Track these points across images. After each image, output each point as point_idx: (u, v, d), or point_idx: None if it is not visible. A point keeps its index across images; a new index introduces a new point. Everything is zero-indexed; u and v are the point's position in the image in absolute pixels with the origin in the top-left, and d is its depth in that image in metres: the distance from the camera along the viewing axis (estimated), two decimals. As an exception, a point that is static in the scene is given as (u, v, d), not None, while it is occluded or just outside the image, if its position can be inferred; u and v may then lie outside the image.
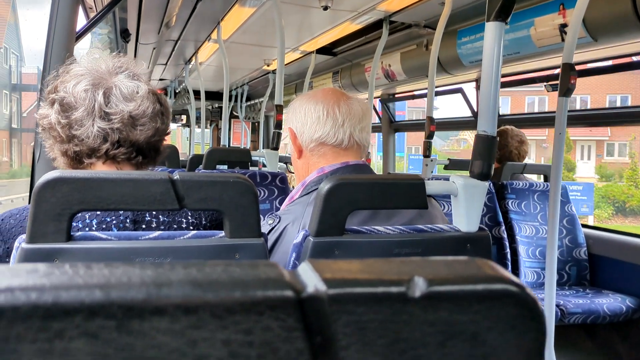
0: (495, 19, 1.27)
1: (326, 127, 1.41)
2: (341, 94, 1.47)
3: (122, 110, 1.08)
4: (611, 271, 2.87)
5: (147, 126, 1.11)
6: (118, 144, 1.09)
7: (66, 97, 1.08)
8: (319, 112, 1.42)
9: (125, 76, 1.12)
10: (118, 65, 1.14)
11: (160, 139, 1.17)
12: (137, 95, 1.10)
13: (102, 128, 1.07)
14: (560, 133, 1.98)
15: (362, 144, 1.46)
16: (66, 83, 1.09)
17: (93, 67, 1.12)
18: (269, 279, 0.28)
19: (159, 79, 7.31)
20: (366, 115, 1.46)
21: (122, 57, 1.19)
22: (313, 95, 1.47)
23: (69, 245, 0.89)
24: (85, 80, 1.08)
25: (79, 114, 1.07)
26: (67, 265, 0.26)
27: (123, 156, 1.10)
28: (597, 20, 2.46)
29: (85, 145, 1.08)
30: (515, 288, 0.30)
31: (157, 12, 3.47)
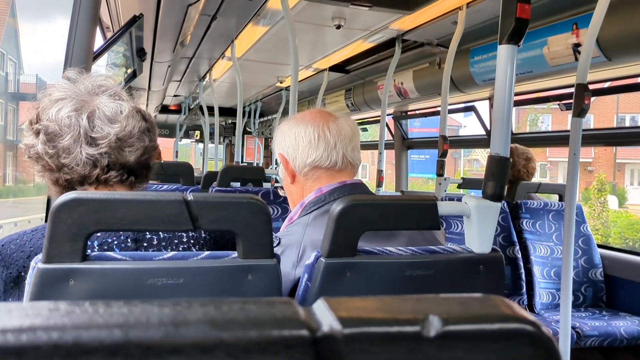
0: (508, 42, 1.27)
1: (319, 150, 1.40)
2: (328, 115, 1.46)
3: (109, 133, 1.06)
4: (628, 293, 2.83)
5: (135, 146, 1.09)
6: (108, 168, 1.08)
7: (50, 126, 1.05)
8: (310, 135, 1.40)
9: (107, 96, 1.10)
10: (97, 84, 1.12)
11: (150, 156, 1.15)
12: (121, 116, 1.08)
13: (90, 154, 1.05)
14: (574, 153, 1.97)
15: (355, 163, 1.45)
16: (48, 110, 1.07)
17: (73, 89, 1.10)
18: (285, 317, 0.28)
19: (173, 95, 7.38)
20: (355, 135, 1.45)
21: (99, 75, 1.16)
22: (301, 118, 1.45)
23: (85, 265, 0.90)
24: (68, 106, 1.06)
25: (66, 142, 1.05)
26: (87, 303, 0.27)
27: (115, 179, 1.09)
28: (610, 39, 2.45)
29: (76, 173, 1.07)
30: (531, 327, 0.30)
31: (172, 31, 3.52)
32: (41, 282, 0.88)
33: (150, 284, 0.93)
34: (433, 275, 1.15)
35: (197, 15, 3.32)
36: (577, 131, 1.97)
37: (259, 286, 0.99)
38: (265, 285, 0.99)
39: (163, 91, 6.61)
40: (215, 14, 3.39)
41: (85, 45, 1.84)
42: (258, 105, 7.61)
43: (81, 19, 1.81)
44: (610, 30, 2.39)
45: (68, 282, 0.90)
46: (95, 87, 1.12)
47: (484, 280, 1.18)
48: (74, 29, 1.80)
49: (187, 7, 2.87)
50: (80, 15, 1.81)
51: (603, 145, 4.21)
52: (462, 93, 3.82)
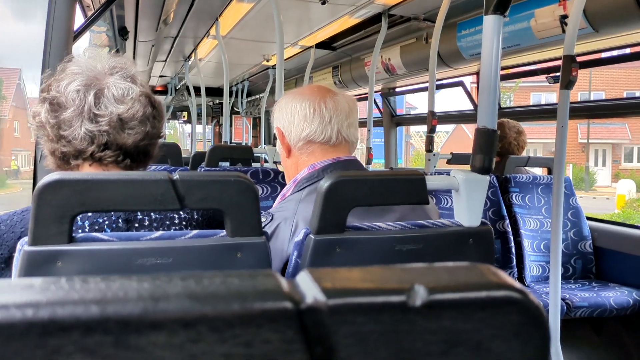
0: (494, 12, 1.26)
1: (313, 124, 1.40)
2: (327, 90, 1.46)
3: (112, 112, 1.06)
4: (617, 264, 2.86)
5: (135, 129, 1.09)
6: (105, 147, 1.07)
7: (57, 97, 1.07)
8: (306, 109, 1.40)
9: (119, 77, 1.10)
10: (114, 65, 1.12)
11: (151, 143, 1.15)
12: (127, 98, 1.08)
13: (89, 130, 1.05)
14: (562, 126, 1.97)
15: (351, 139, 1.45)
16: (60, 82, 1.08)
17: (89, 66, 1.11)
18: (268, 290, 0.27)
19: (158, 76, 7.30)
20: (353, 111, 1.45)
21: (120, 57, 1.17)
22: (299, 93, 1.45)
23: (71, 247, 0.89)
24: (79, 80, 1.07)
25: (68, 114, 1.05)
26: (63, 279, 0.26)
27: (110, 159, 1.09)
28: (597, 10, 2.44)
29: (72, 147, 1.07)
30: (518, 295, 0.29)
31: (154, 9, 3.46)
32: (28, 264, 0.88)
33: (139, 264, 0.93)
34: (423, 249, 1.15)
35: (180, -7, 3.27)
36: (564, 104, 1.97)
37: (248, 264, 0.98)
38: (254, 263, 0.99)
39: (148, 71, 6.53)
40: (198, -9, 3.34)
41: (65, 24, 1.80)
42: (245, 85, 7.55)
43: (60, -4, 1.77)
44: (597, 1, 2.38)
45: (56, 264, 0.89)
46: (111, 67, 1.12)
47: (474, 254, 1.19)
48: (53, 8, 1.76)
49: (170, -16, 2.82)
50: (58, -7, 1.77)
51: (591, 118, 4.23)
52: (450, 68, 3.80)
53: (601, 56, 3.18)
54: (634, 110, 3.12)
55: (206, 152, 3.05)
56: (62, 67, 1.13)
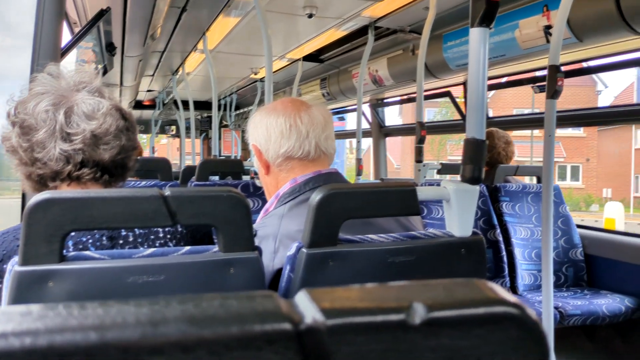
0: (480, 25, 1.27)
1: (291, 140, 1.38)
2: (301, 104, 1.44)
3: (84, 129, 1.04)
4: (608, 271, 2.88)
5: (111, 144, 1.07)
6: (81, 165, 1.06)
7: (27, 119, 1.04)
8: (282, 125, 1.38)
9: (86, 92, 1.08)
10: (79, 80, 1.10)
11: (127, 156, 1.13)
12: (98, 113, 1.06)
13: (64, 150, 1.03)
14: (550, 135, 1.99)
15: (329, 152, 1.43)
16: (26, 104, 1.05)
17: (53, 84, 1.08)
18: (266, 311, 0.27)
19: (146, 90, 7.29)
20: (328, 123, 1.43)
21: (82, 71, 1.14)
22: (273, 109, 1.43)
23: (63, 266, 0.88)
24: (46, 100, 1.05)
25: (41, 136, 1.03)
26: (60, 305, 0.26)
27: (87, 177, 1.07)
28: (581, 20, 2.48)
29: (48, 168, 1.05)
30: (516, 310, 0.30)
31: (141, 24, 3.46)
32: (19, 285, 0.86)
33: (131, 282, 0.92)
34: (415, 260, 1.15)
35: (167, 8, 3.27)
36: (551, 113, 1.99)
37: (241, 279, 0.98)
38: (248, 279, 0.98)
39: (136, 86, 6.52)
40: (185, 6, 3.34)
41: (52, 41, 1.79)
42: (233, 98, 7.56)
43: (47, 14, 1.77)
44: (581, 11, 2.41)
45: (47, 284, 0.88)
46: (76, 83, 1.10)
47: (466, 264, 1.19)
48: (40, 25, 1.75)
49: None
50: (45, 10, 1.77)
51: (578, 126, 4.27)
52: (437, 79, 3.83)
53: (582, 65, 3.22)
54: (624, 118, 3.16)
55: (196, 166, 3.05)
56: (24, 87, 1.10)
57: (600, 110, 3.37)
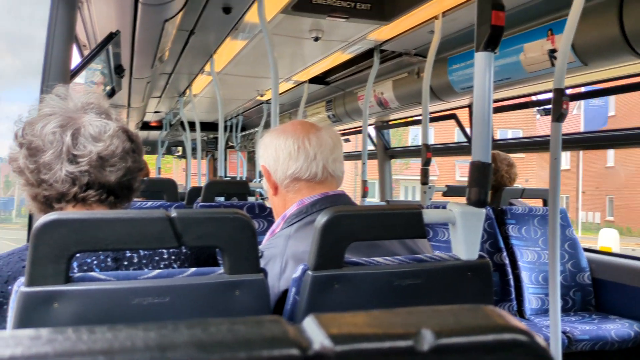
0: (485, 49, 1.28)
1: (298, 162, 1.39)
2: (310, 126, 1.45)
3: (91, 151, 1.04)
4: (617, 296, 2.84)
5: (117, 166, 1.08)
6: (87, 187, 1.06)
7: (34, 141, 1.05)
8: (290, 147, 1.40)
9: (94, 114, 1.09)
10: (86, 102, 1.11)
11: (133, 177, 1.13)
12: (105, 135, 1.07)
13: (70, 172, 1.04)
14: (555, 158, 1.99)
15: (336, 174, 1.44)
16: (34, 125, 1.06)
17: (61, 106, 1.09)
18: (274, 337, 0.27)
19: (153, 112, 7.34)
20: (337, 145, 1.44)
21: (90, 93, 1.15)
22: (282, 131, 1.45)
23: (68, 287, 0.88)
24: (54, 121, 1.05)
25: (47, 157, 1.04)
26: (69, 329, 0.26)
27: (93, 199, 1.07)
28: (586, 44, 2.49)
29: (54, 190, 1.05)
30: (525, 337, 0.29)
31: (150, 47, 3.50)
32: (24, 306, 0.86)
33: (136, 304, 0.92)
34: (422, 284, 1.15)
35: (175, 31, 3.31)
36: (557, 136, 1.99)
37: (247, 302, 0.97)
38: (253, 301, 0.98)
39: (143, 107, 6.57)
40: (193, 29, 3.39)
41: (62, 63, 1.82)
42: (239, 119, 7.60)
43: (57, 36, 1.80)
44: (585, 35, 2.42)
45: (52, 305, 0.88)
46: (84, 104, 1.10)
47: (473, 287, 1.18)
48: (50, 47, 1.78)
49: (164, 22, 2.86)
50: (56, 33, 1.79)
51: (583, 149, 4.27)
52: (442, 101, 3.85)
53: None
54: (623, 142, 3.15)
55: (202, 187, 3.05)
56: (32, 108, 1.11)
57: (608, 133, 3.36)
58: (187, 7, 2.73)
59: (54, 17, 1.80)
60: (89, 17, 2.98)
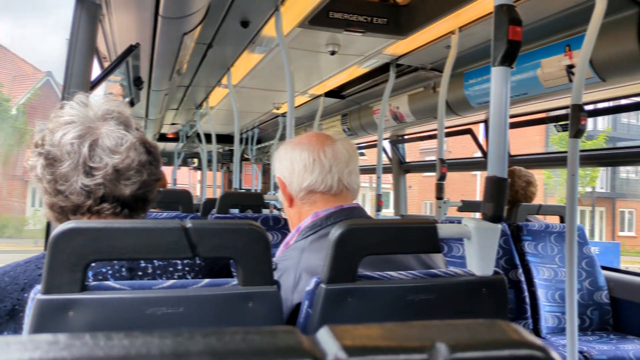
0: (501, 64, 1.28)
1: (314, 174, 1.39)
2: (325, 138, 1.45)
3: (107, 164, 1.04)
4: (636, 315, 2.79)
5: (132, 180, 1.07)
6: (102, 200, 1.05)
7: (52, 151, 1.05)
8: (305, 159, 1.40)
9: (114, 122, 1.08)
10: (107, 109, 1.10)
11: (148, 190, 1.12)
12: (122, 148, 1.06)
13: (85, 184, 1.04)
14: (573, 174, 1.97)
15: (352, 187, 1.44)
16: (54, 133, 1.06)
17: (82, 113, 1.09)
18: (289, 347, 0.27)
19: (170, 124, 7.41)
20: (353, 158, 1.44)
21: (111, 100, 1.14)
22: (298, 143, 1.45)
23: (84, 295, 0.89)
24: (73, 131, 1.05)
25: (65, 169, 1.04)
26: (87, 335, 0.26)
27: (108, 212, 1.07)
28: (604, 60, 2.48)
29: (70, 201, 1.05)
30: (541, 353, 0.29)
31: (168, 59, 3.55)
32: (40, 313, 0.87)
33: (150, 314, 0.92)
34: (435, 299, 1.14)
35: (193, 44, 3.35)
36: (574, 152, 1.98)
37: (260, 314, 0.97)
38: (266, 313, 0.98)
39: (160, 119, 6.64)
40: (211, 43, 3.42)
41: (83, 74, 1.85)
42: (255, 132, 7.64)
43: (79, 49, 1.83)
44: (603, 51, 2.41)
45: (67, 313, 0.89)
46: (104, 112, 1.10)
47: (487, 304, 1.17)
48: (72, 59, 1.81)
49: (183, 36, 2.89)
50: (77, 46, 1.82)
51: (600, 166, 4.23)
52: (457, 116, 3.84)
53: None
54: None
55: (217, 198, 3.07)
56: (55, 114, 1.10)
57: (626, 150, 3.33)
58: (205, 20, 2.77)
59: (76, 29, 1.84)
60: (110, 29, 3.03)
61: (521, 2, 2.40)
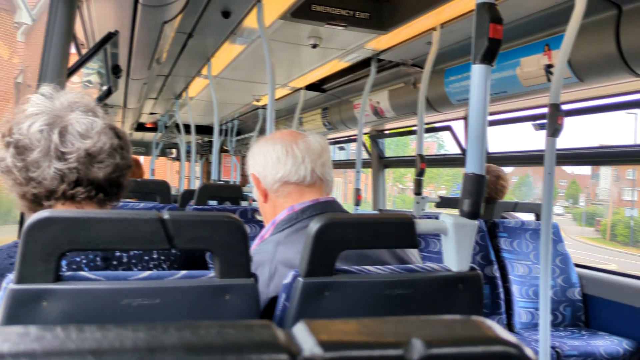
0: (482, 62, 1.29)
1: (287, 165, 1.41)
2: (297, 134, 1.48)
3: (79, 148, 1.05)
4: (606, 312, 2.85)
5: (105, 162, 1.08)
6: (76, 184, 1.06)
7: (21, 140, 1.05)
8: (278, 152, 1.42)
9: (80, 112, 1.09)
10: (72, 100, 1.11)
11: (122, 174, 1.13)
12: (93, 132, 1.07)
13: (58, 169, 1.04)
14: (549, 173, 2.00)
15: (325, 178, 1.46)
16: (21, 124, 1.06)
17: (47, 105, 1.09)
18: (264, 342, 0.27)
19: (149, 113, 7.33)
20: (325, 150, 1.47)
21: (75, 91, 1.16)
22: (270, 138, 1.48)
23: (58, 286, 0.88)
24: (41, 120, 1.06)
25: (35, 155, 1.04)
26: (58, 328, 0.26)
27: (82, 195, 1.07)
28: (582, 60, 2.51)
29: (43, 187, 1.05)
30: (514, 350, 0.30)
31: (148, 48, 3.51)
32: (13, 303, 0.86)
33: (126, 305, 0.91)
34: (412, 294, 1.14)
35: (173, 33, 3.31)
36: (551, 150, 2.00)
37: (237, 306, 0.97)
38: (243, 305, 0.97)
39: (139, 109, 6.56)
40: (191, 32, 3.39)
41: (60, 61, 1.81)
42: (235, 124, 7.59)
43: (55, 35, 1.79)
44: (582, 51, 2.44)
45: (41, 304, 0.87)
46: (70, 102, 1.11)
47: (463, 299, 1.18)
48: (49, 45, 1.78)
49: (163, 24, 2.86)
50: (54, 32, 1.79)
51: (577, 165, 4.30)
52: (437, 112, 3.86)
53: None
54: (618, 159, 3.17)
55: (195, 190, 3.05)
56: (19, 108, 1.10)
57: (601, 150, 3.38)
58: (186, 9, 2.74)
59: (53, 15, 1.80)
60: (88, 16, 2.98)
61: (502, 1, 2.42)
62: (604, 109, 3.14)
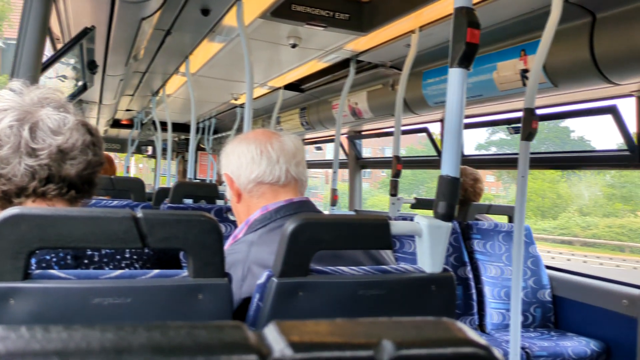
0: (459, 65, 1.30)
1: (261, 166, 1.41)
2: (272, 133, 1.47)
3: (50, 144, 1.03)
4: (575, 313, 2.91)
5: (78, 159, 1.06)
6: (47, 181, 1.04)
7: None
8: (252, 152, 1.41)
9: (52, 108, 1.07)
10: (42, 96, 1.09)
11: (94, 171, 1.12)
12: (64, 128, 1.05)
13: (29, 165, 1.02)
14: (522, 176, 2.03)
15: (300, 178, 1.46)
16: None
17: (17, 100, 1.07)
18: (234, 342, 0.27)
19: (125, 110, 7.24)
20: (299, 150, 1.46)
21: (46, 87, 1.13)
22: (244, 138, 1.47)
23: (26, 284, 0.86)
24: (10, 116, 1.03)
25: (5, 152, 1.02)
26: (23, 328, 0.25)
27: (53, 192, 1.05)
28: (557, 66, 2.55)
29: (13, 184, 1.03)
30: (483, 352, 0.30)
31: (125, 44, 3.46)
32: None
33: (96, 304, 0.90)
34: (386, 295, 1.15)
35: (151, 30, 3.28)
36: (525, 154, 2.03)
37: (209, 306, 0.96)
38: (216, 306, 0.97)
39: (115, 105, 6.48)
40: (169, 29, 3.36)
41: (34, 55, 1.78)
42: (212, 122, 7.55)
43: (30, 28, 1.76)
44: (557, 57, 2.48)
45: (8, 302, 0.86)
46: (41, 99, 1.09)
47: (436, 300, 1.19)
48: (22, 39, 1.74)
49: (141, 21, 2.82)
50: (29, 25, 1.76)
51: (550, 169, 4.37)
52: (415, 114, 3.89)
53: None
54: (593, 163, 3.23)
55: (170, 188, 3.02)
56: None
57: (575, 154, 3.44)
58: (165, 6, 2.71)
59: (28, 8, 1.77)
60: (64, 10, 2.93)
61: (480, 6, 2.45)
62: (577, 114, 3.20)
